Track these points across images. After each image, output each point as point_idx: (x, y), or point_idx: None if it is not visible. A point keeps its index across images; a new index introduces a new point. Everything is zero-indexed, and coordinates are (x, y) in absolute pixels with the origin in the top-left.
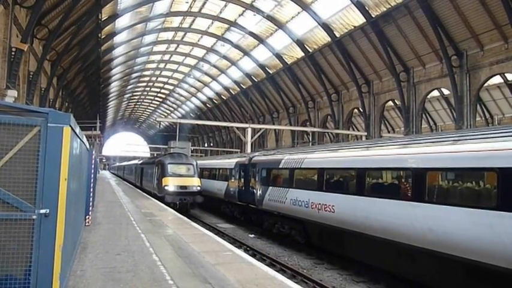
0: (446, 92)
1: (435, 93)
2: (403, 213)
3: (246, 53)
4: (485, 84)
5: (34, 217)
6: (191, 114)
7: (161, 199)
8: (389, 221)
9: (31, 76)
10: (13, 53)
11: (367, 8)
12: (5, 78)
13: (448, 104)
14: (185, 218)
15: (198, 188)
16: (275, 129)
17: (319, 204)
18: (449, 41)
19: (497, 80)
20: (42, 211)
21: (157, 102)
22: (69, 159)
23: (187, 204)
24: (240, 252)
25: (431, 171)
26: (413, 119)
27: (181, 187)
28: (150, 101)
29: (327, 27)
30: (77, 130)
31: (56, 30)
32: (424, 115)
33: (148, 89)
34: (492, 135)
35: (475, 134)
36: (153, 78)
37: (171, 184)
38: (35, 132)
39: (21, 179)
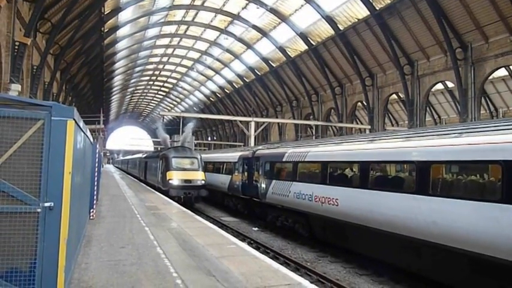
0: (450, 85)
1: (439, 86)
2: (407, 206)
3: (249, 46)
4: (490, 77)
5: (39, 210)
6: (194, 108)
7: (165, 193)
8: (393, 214)
9: (34, 70)
10: (16, 47)
11: (371, 0)
12: (8, 72)
13: (452, 97)
14: (189, 212)
15: (203, 181)
16: (278, 123)
17: (323, 197)
18: (454, 33)
19: (502, 72)
20: (47, 204)
21: (161, 96)
22: (73, 153)
23: (191, 198)
24: (243, 245)
25: (436, 164)
26: (417, 112)
27: (186, 181)
28: (153, 95)
29: (330, 20)
30: (81, 124)
31: (59, 24)
32: (428, 108)
33: (151, 82)
34: (497, 128)
35: (479, 127)
36: (156, 72)
37: (175, 178)
38: (39, 126)
39: (25, 172)
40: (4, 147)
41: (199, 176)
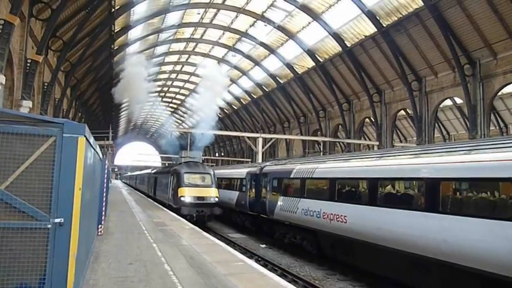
0: (459, 101)
1: (448, 102)
2: (416, 224)
3: (256, 63)
4: (499, 93)
5: (49, 226)
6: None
7: (177, 211)
8: (403, 232)
9: (45, 87)
10: (28, 65)
11: (378, 18)
12: (20, 89)
13: (461, 113)
14: (196, 228)
15: (216, 199)
16: (286, 139)
17: (331, 214)
18: (462, 50)
19: (511, 88)
20: (57, 220)
21: (169, 112)
22: (83, 169)
23: (204, 216)
24: (251, 263)
25: (445, 181)
26: (425, 129)
27: (199, 198)
28: (161, 111)
29: (337, 37)
30: (91, 140)
31: (70, 41)
32: (436, 124)
33: (159, 98)
34: (507, 145)
35: (489, 144)
36: (165, 89)
37: (187, 195)
38: (51, 143)
39: (36, 188)
40: (16, 163)
41: (212, 193)
